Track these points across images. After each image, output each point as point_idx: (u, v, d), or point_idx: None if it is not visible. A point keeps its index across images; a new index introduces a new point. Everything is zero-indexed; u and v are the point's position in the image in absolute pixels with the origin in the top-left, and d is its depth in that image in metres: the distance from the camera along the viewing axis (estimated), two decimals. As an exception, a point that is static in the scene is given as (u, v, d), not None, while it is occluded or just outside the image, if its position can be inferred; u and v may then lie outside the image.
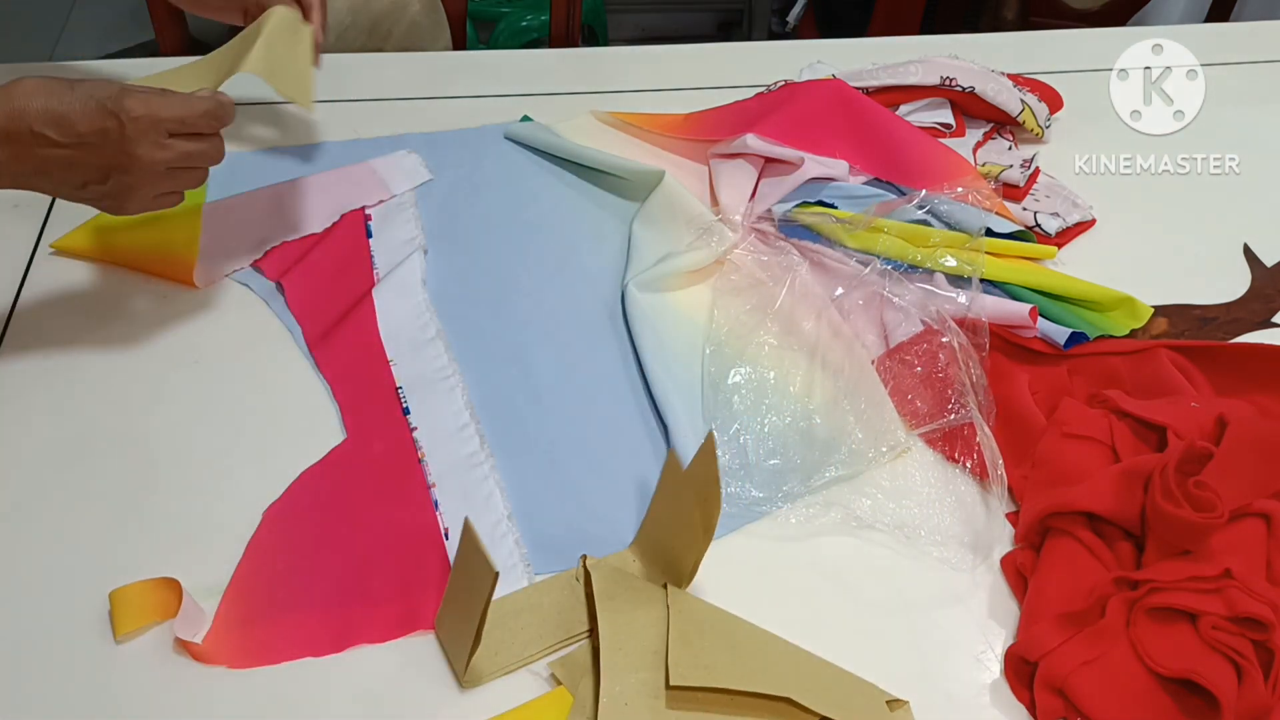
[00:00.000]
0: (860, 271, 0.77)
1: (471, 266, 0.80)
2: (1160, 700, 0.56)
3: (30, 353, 0.71)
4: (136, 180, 0.63)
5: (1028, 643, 0.57)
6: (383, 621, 0.58)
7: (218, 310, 0.75)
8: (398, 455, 0.66)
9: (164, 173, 0.63)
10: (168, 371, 0.71)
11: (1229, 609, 0.56)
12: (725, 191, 0.83)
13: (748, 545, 0.63)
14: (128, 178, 0.62)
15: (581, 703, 0.55)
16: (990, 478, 0.65)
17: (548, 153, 0.90)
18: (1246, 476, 0.61)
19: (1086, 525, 0.62)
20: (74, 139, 0.60)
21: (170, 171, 0.63)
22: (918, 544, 0.63)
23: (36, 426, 0.67)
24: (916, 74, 0.92)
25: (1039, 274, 0.79)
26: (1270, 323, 0.79)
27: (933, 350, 0.71)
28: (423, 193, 0.85)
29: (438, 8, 1.15)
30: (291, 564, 0.60)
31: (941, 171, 0.84)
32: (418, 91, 0.96)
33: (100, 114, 0.60)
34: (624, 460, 0.67)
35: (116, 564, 0.60)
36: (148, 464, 0.65)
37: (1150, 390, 0.71)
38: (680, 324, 0.75)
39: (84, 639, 0.57)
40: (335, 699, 0.55)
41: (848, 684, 0.56)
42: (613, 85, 0.99)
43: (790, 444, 0.68)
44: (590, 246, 0.82)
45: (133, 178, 0.62)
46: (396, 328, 0.74)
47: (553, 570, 0.61)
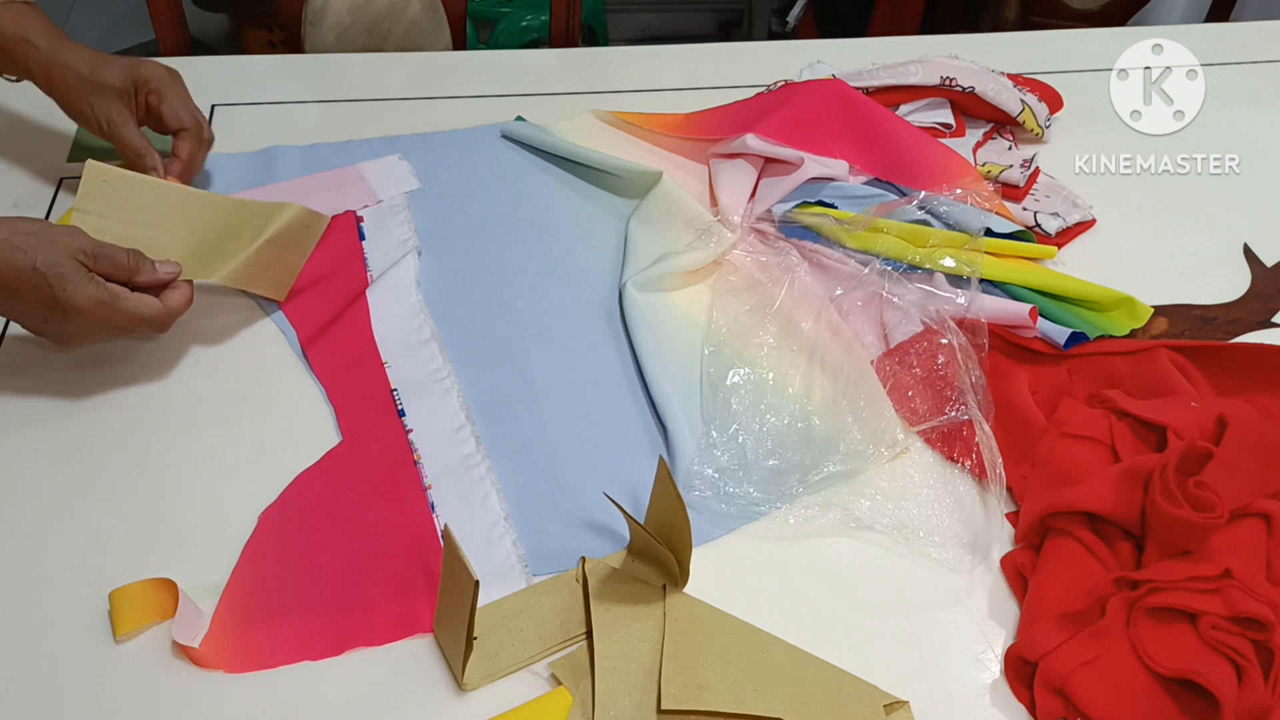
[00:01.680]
0: (860, 272, 0.77)
1: (466, 267, 0.80)
2: (1160, 700, 0.56)
3: (30, 353, 0.71)
4: (73, 332, 0.65)
5: (1028, 643, 0.57)
6: (380, 625, 0.58)
7: (215, 313, 0.75)
8: (393, 457, 0.66)
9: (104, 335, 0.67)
10: (165, 373, 0.71)
11: (1229, 609, 0.56)
12: (725, 191, 0.83)
13: (746, 546, 0.63)
14: (66, 327, 0.64)
15: (581, 703, 0.55)
16: (989, 477, 0.65)
17: (543, 152, 0.90)
18: (1246, 476, 0.61)
19: (1086, 525, 0.62)
20: (6, 294, 0.62)
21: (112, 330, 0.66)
22: (916, 545, 0.63)
23: (36, 427, 0.67)
24: (916, 74, 0.92)
25: (1039, 274, 0.78)
26: (1270, 323, 0.79)
27: (932, 350, 0.71)
28: (416, 194, 0.85)
29: (438, 8, 1.15)
30: (288, 567, 0.60)
31: (941, 172, 0.84)
32: (417, 91, 0.96)
33: (37, 290, 0.61)
34: (622, 460, 0.67)
35: (115, 564, 0.60)
36: (146, 465, 0.65)
37: (1150, 390, 0.71)
38: (679, 324, 0.75)
39: (84, 639, 0.57)
40: (334, 702, 0.55)
41: (846, 687, 0.56)
42: (613, 85, 0.99)
43: (789, 444, 0.67)
44: (586, 246, 0.82)
45: (70, 329, 0.65)
46: (391, 330, 0.73)
47: (551, 571, 0.61)
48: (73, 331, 0.65)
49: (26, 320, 0.65)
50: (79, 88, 0.75)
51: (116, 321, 0.64)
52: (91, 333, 0.66)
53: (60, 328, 0.64)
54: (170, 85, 0.78)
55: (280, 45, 1.73)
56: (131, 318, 0.65)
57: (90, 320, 0.63)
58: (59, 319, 0.63)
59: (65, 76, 0.75)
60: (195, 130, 0.78)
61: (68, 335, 0.65)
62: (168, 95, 0.77)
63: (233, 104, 0.92)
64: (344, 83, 0.97)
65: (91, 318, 0.63)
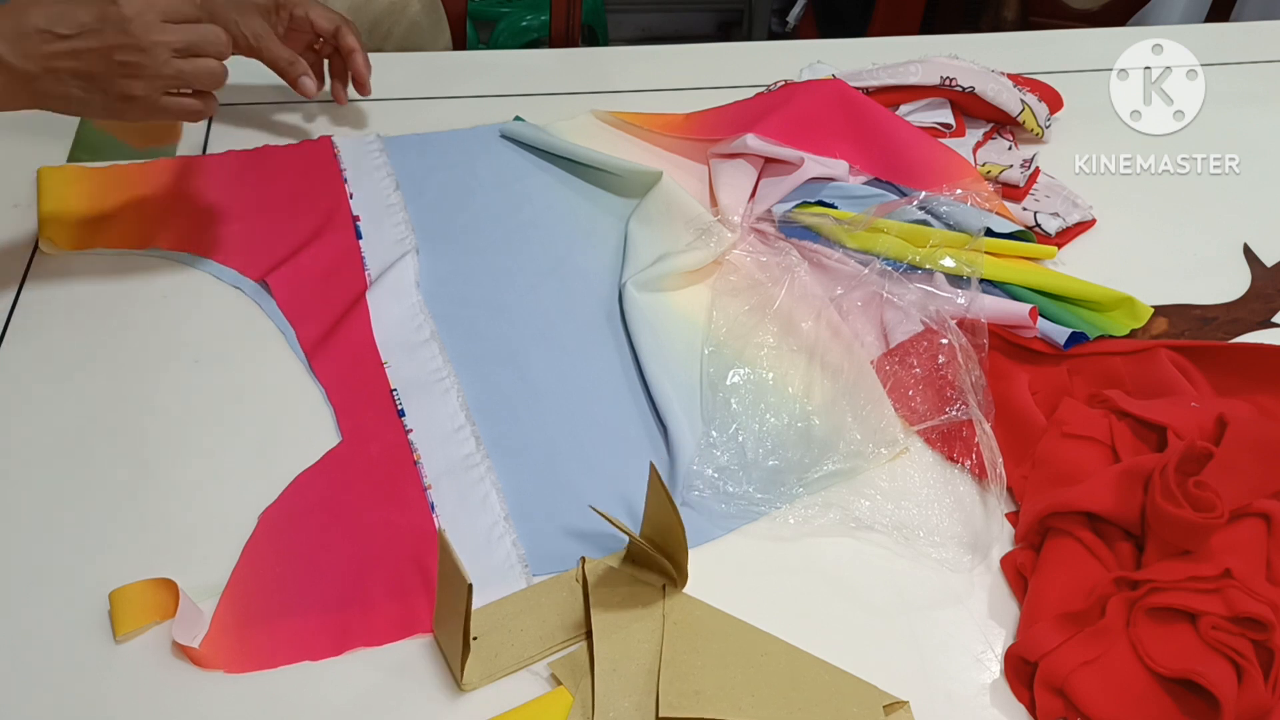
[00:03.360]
0: (860, 272, 0.77)
1: (466, 267, 0.80)
2: (1160, 700, 0.56)
3: (29, 353, 0.71)
4: (139, 65, 0.64)
5: (1028, 643, 0.57)
6: (380, 625, 0.58)
7: (215, 312, 0.75)
8: (393, 457, 0.66)
9: (166, 60, 0.65)
10: (165, 373, 0.71)
11: (1229, 609, 0.56)
12: (725, 191, 0.83)
13: (746, 546, 0.63)
14: (130, 61, 0.64)
15: (581, 703, 0.55)
16: (989, 477, 0.65)
17: (543, 152, 0.90)
18: (1246, 476, 0.61)
19: (1086, 525, 0.62)
20: (75, 29, 0.62)
21: (172, 61, 0.65)
22: (916, 545, 0.63)
23: (36, 426, 0.67)
24: (916, 74, 0.92)
25: (1039, 274, 0.78)
26: (1270, 323, 0.79)
27: (932, 351, 0.71)
28: (415, 193, 0.85)
29: (438, 8, 1.15)
30: (288, 567, 0.60)
31: (942, 172, 0.84)
32: (417, 91, 0.96)
33: (98, 2, 0.63)
34: (622, 460, 0.67)
35: (115, 564, 0.60)
36: (146, 465, 0.65)
37: (1150, 390, 0.71)
38: (679, 324, 0.75)
39: (84, 639, 0.57)
40: (334, 702, 0.55)
41: (846, 688, 0.56)
42: (613, 85, 0.99)
43: (789, 444, 0.67)
44: (586, 245, 0.82)
45: (135, 61, 0.64)
46: (390, 330, 0.73)
47: (551, 571, 0.61)
48: (140, 61, 0.64)
49: (95, 65, 0.64)
50: (224, 5, 0.79)
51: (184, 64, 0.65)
52: (155, 60, 0.65)
53: (126, 60, 0.64)
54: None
55: (280, 45, 1.73)
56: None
57: (145, 14, 0.63)
58: (125, 45, 0.63)
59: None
60: (346, 24, 0.85)
61: (133, 70, 0.64)
62: (308, 6, 0.83)
63: (233, 104, 0.92)
64: (344, 83, 0.97)
65: (147, 4, 0.63)
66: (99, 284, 0.76)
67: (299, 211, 0.82)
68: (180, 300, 0.75)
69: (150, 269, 0.77)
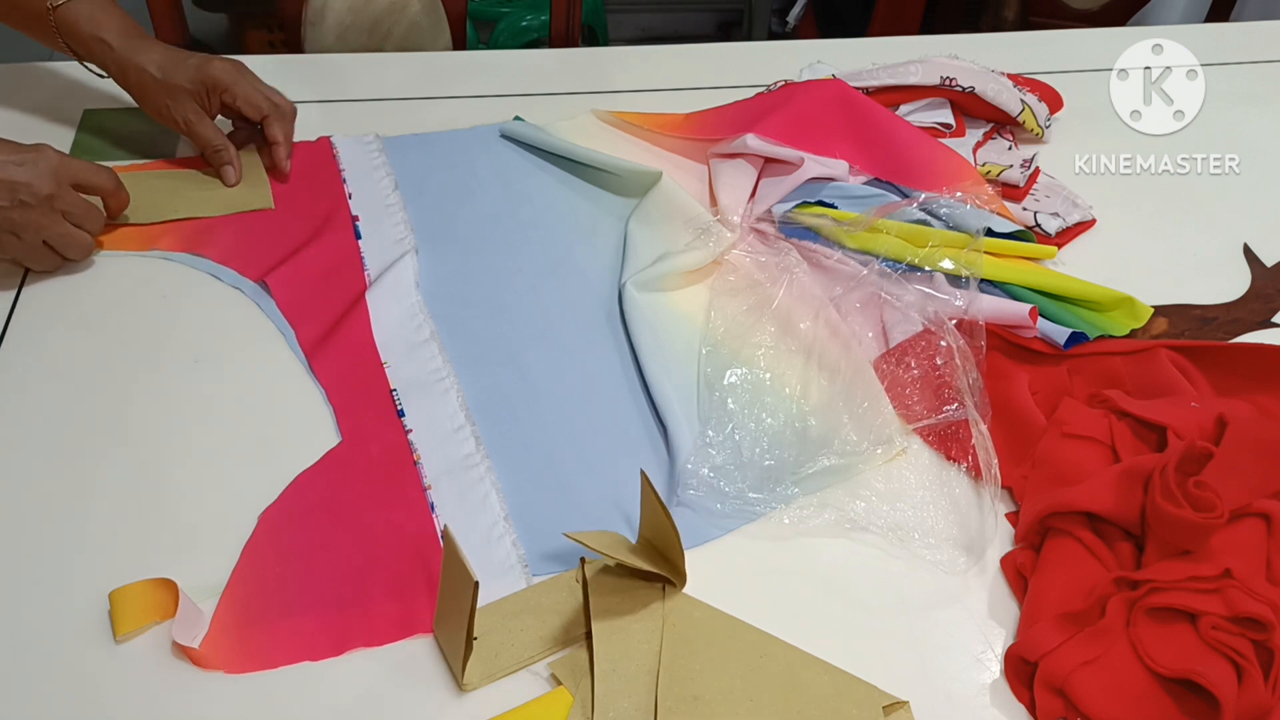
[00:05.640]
0: (859, 272, 0.77)
1: (466, 267, 0.80)
2: (1160, 700, 0.56)
3: (29, 353, 0.71)
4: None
5: (1028, 643, 0.57)
6: (380, 625, 0.58)
7: (215, 312, 0.75)
8: (393, 458, 0.66)
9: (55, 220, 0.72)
10: (165, 373, 0.71)
11: (1229, 609, 0.56)
12: (724, 191, 0.83)
13: (743, 546, 0.63)
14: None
15: (581, 703, 0.55)
16: (985, 478, 0.65)
17: (543, 152, 0.90)
18: (1246, 477, 0.61)
19: (1086, 525, 0.62)
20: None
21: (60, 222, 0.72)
22: (911, 546, 0.63)
23: (35, 427, 0.67)
24: (916, 74, 0.92)
25: (1039, 274, 0.78)
26: (1270, 323, 0.79)
27: (930, 352, 0.71)
28: (414, 193, 0.85)
29: (438, 8, 1.15)
30: (288, 567, 0.60)
31: (942, 172, 0.84)
32: (417, 91, 0.96)
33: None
34: (622, 460, 0.67)
35: (115, 564, 0.60)
36: (146, 465, 0.65)
37: (1150, 390, 0.71)
38: (679, 324, 0.75)
39: (84, 639, 0.57)
40: (334, 702, 0.55)
41: (845, 688, 0.56)
42: (613, 85, 0.99)
43: (785, 444, 0.67)
44: (585, 245, 0.82)
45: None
46: (390, 330, 0.73)
47: (551, 571, 0.61)
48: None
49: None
50: (154, 89, 0.80)
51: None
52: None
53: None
54: (239, 80, 0.82)
55: (280, 45, 1.73)
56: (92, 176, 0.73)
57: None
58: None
59: (140, 77, 0.79)
60: (275, 112, 0.83)
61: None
62: (239, 90, 0.81)
63: (233, 104, 0.92)
64: (344, 83, 0.97)
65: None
66: (99, 284, 0.76)
67: (298, 212, 0.83)
68: (180, 300, 0.75)
69: (150, 269, 0.77)
